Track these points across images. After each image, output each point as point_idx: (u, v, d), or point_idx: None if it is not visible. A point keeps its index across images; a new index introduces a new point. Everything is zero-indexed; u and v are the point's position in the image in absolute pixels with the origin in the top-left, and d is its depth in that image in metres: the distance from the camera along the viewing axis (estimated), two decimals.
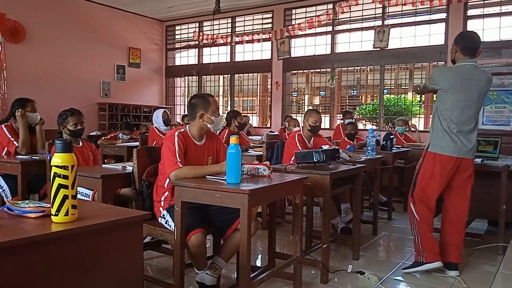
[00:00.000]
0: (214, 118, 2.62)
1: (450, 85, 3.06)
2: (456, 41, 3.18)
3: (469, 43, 3.13)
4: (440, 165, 3.10)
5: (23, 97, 4.03)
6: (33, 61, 7.77)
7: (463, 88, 3.05)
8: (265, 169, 2.49)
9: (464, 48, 3.11)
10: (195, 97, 2.73)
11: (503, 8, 6.61)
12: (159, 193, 2.63)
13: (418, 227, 3.20)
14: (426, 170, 3.17)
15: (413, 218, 3.23)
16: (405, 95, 9.87)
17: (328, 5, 7.95)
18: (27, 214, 1.49)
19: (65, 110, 3.49)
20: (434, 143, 3.12)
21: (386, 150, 5.03)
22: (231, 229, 2.50)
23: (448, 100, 3.06)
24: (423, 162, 3.21)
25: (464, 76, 3.06)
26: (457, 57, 3.14)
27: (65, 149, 1.43)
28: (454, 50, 3.16)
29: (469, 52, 3.11)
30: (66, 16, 8.26)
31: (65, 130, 3.38)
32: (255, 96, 11.72)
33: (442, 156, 3.09)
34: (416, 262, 3.23)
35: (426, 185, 3.16)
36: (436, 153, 3.10)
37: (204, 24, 9.70)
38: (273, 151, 4.29)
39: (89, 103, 8.58)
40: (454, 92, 3.05)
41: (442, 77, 3.12)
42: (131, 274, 1.57)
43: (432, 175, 3.14)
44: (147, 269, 3.23)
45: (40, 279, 1.29)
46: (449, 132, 3.07)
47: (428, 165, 3.16)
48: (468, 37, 3.21)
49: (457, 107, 3.06)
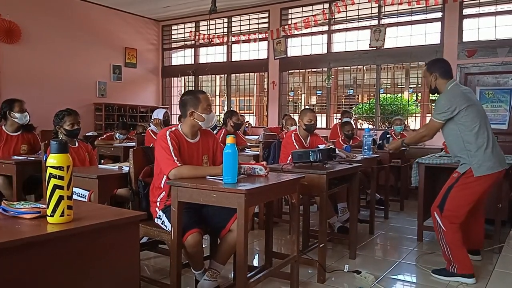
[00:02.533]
0: (204, 115, 2.59)
1: (466, 99, 2.97)
2: (431, 70, 3.11)
3: (445, 67, 3.11)
4: (486, 184, 3.00)
5: (11, 98, 4.02)
6: (29, 61, 7.74)
7: (475, 99, 3.07)
8: (261, 169, 2.49)
9: (443, 72, 3.08)
10: (185, 94, 2.71)
11: (498, 7, 6.62)
12: (155, 193, 2.62)
13: (446, 238, 3.07)
14: (465, 189, 3.01)
15: (439, 229, 3.11)
16: (401, 94, 9.88)
17: (324, 5, 7.96)
18: (23, 215, 1.49)
19: (62, 110, 3.48)
20: (477, 167, 2.95)
21: (382, 149, 5.04)
22: (225, 230, 2.49)
23: (471, 115, 2.96)
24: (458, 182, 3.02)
25: (466, 90, 3.09)
26: (440, 83, 3.08)
27: (61, 150, 1.43)
28: (434, 78, 3.09)
29: (449, 75, 3.09)
30: (61, 16, 8.22)
31: (61, 130, 3.37)
32: (251, 96, 11.71)
33: (491, 175, 2.98)
34: (447, 271, 3.12)
35: (461, 204, 3.03)
36: (482, 175, 2.95)
37: (200, 24, 9.69)
38: (270, 150, 4.30)
39: (85, 103, 8.55)
40: (473, 105, 2.98)
41: (455, 98, 2.98)
42: (127, 274, 1.57)
43: (473, 195, 3.02)
44: (144, 270, 3.22)
45: (36, 280, 1.29)
46: (487, 146, 2.96)
47: (470, 188, 2.99)
48: (441, 62, 3.18)
49: (483, 117, 3.02)
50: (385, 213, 5.04)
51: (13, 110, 3.88)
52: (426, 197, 4.00)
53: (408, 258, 3.58)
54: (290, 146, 3.81)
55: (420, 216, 4.03)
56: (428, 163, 3.93)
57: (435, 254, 3.60)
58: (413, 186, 4.30)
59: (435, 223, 3.15)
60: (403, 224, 4.79)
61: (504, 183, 3.78)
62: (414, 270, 3.36)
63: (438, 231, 3.14)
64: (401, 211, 5.46)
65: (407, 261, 3.52)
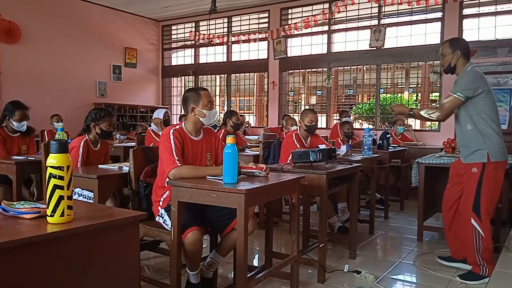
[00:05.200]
0: (205, 112, 2.59)
1: (486, 83, 2.98)
2: (456, 47, 3.08)
3: (469, 49, 3.12)
4: (501, 172, 3.02)
5: (17, 101, 3.99)
6: (29, 61, 7.74)
7: (490, 86, 3.06)
8: (260, 172, 2.49)
9: (466, 53, 3.08)
10: (187, 91, 2.72)
11: (498, 7, 6.62)
12: (158, 193, 2.62)
13: (484, 244, 3.00)
14: (490, 182, 2.97)
15: (477, 235, 3.01)
16: (401, 94, 9.89)
17: (324, 5, 7.96)
18: (23, 215, 1.49)
19: (101, 108, 3.46)
20: (493, 152, 2.94)
21: (382, 149, 5.04)
22: (230, 227, 2.50)
23: (490, 99, 2.97)
24: (483, 172, 2.96)
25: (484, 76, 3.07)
26: (460, 62, 3.06)
27: (61, 150, 1.43)
28: (456, 56, 3.06)
29: (469, 57, 3.11)
30: (61, 17, 8.22)
31: (96, 129, 3.31)
32: (251, 96, 11.72)
33: (503, 163, 3.01)
34: (476, 274, 3.05)
35: (492, 198, 3.02)
36: (497, 161, 2.95)
37: (200, 24, 9.69)
38: (270, 150, 4.30)
39: (85, 103, 8.54)
40: (490, 92, 2.99)
41: (480, 78, 2.98)
42: (127, 274, 1.57)
43: (497, 184, 3.01)
44: (144, 270, 3.22)
45: (36, 280, 1.29)
46: (499, 134, 2.97)
47: (491, 177, 2.97)
48: (465, 42, 3.18)
49: (496, 108, 3.03)
50: (385, 213, 5.04)
51: (13, 117, 3.88)
52: (426, 197, 4.01)
53: (408, 258, 3.58)
54: (291, 146, 3.81)
55: (420, 216, 4.03)
56: (428, 163, 3.93)
57: (434, 254, 3.60)
58: (413, 186, 4.30)
59: (471, 229, 3.01)
60: (403, 224, 4.79)
61: (504, 183, 3.78)
62: (414, 270, 3.35)
63: (474, 237, 3.01)
64: (401, 211, 5.46)
65: (407, 261, 3.52)
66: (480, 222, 2.98)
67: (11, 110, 3.89)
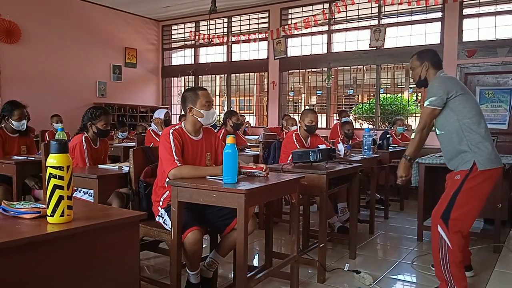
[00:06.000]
0: (203, 111, 2.58)
1: (460, 86, 2.75)
2: (423, 59, 2.88)
3: (437, 58, 2.92)
4: (491, 181, 2.69)
5: (14, 101, 3.99)
6: (29, 61, 7.74)
7: (468, 90, 2.85)
8: (260, 172, 2.49)
9: (435, 63, 2.88)
10: (186, 91, 2.73)
11: (498, 7, 6.62)
12: (158, 193, 2.62)
13: (450, 257, 2.67)
14: (471, 192, 2.66)
15: (444, 245, 2.70)
16: (401, 94, 9.88)
17: (324, 5, 7.96)
18: (23, 215, 1.49)
19: (97, 107, 3.43)
20: (481, 159, 2.64)
21: (382, 149, 5.04)
22: (230, 227, 2.50)
23: (469, 102, 2.73)
24: (463, 184, 2.66)
25: (458, 81, 2.92)
26: (431, 73, 2.86)
27: (61, 150, 1.43)
28: (425, 68, 2.86)
29: (440, 66, 2.87)
30: (61, 17, 8.23)
31: (93, 128, 3.31)
32: (251, 96, 11.72)
33: (497, 170, 2.70)
34: None
35: (470, 210, 2.68)
36: (485, 169, 2.64)
37: (200, 24, 9.69)
38: (270, 150, 4.30)
39: (85, 103, 8.51)
40: (466, 93, 2.74)
41: (449, 81, 2.76)
42: (127, 274, 1.57)
43: (481, 196, 2.69)
44: (144, 270, 3.22)
45: (36, 280, 1.29)
46: (488, 137, 2.71)
47: (473, 187, 2.65)
48: (432, 52, 2.96)
49: (478, 110, 2.78)
50: (385, 213, 5.04)
51: (12, 117, 3.88)
52: (426, 197, 4.01)
53: (408, 258, 3.58)
54: (291, 146, 3.81)
55: (420, 216, 4.03)
56: (428, 163, 3.93)
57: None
58: (413, 186, 4.30)
59: (438, 238, 2.71)
60: (403, 224, 4.79)
61: (504, 183, 3.78)
62: (414, 270, 3.35)
63: (440, 247, 2.71)
64: (401, 211, 5.46)
65: (407, 261, 3.52)
66: (447, 232, 2.67)
67: (10, 110, 3.88)
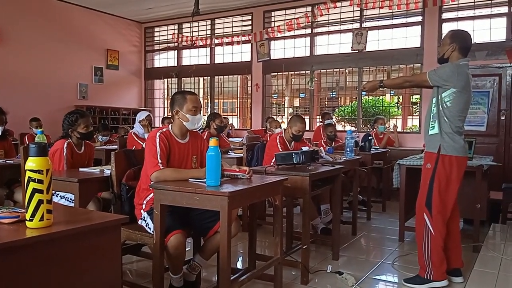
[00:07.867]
0: (189, 116, 2.58)
1: (465, 85, 2.85)
2: (454, 39, 2.92)
3: (468, 44, 2.95)
4: (457, 168, 2.87)
5: None
6: (9, 63, 7.59)
7: (470, 89, 2.92)
8: (243, 175, 2.49)
9: (463, 48, 2.91)
10: (175, 93, 2.74)
11: (476, 12, 6.78)
12: (141, 195, 2.59)
13: (432, 242, 2.88)
14: (442, 176, 2.87)
15: (427, 232, 2.90)
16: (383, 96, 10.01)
17: (307, 8, 8.02)
18: (1, 220, 1.46)
19: (72, 112, 3.33)
20: (446, 146, 2.85)
21: (364, 151, 5.10)
22: (213, 230, 2.49)
23: (461, 101, 2.85)
24: (436, 168, 2.88)
25: (470, 76, 2.94)
26: (454, 55, 2.91)
27: (40, 153, 1.41)
28: (452, 48, 2.90)
29: (465, 53, 2.93)
30: (42, 18, 8.10)
31: (75, 134, 3.23)
32: (235, 98, 11.71)
33: (458, 158, 2.86)
34: (421, 277, 2.96)
35: (444, 193, 2.88)
36: (451, 155, 2.85)
37: (183, 26, 9.66)
38: (254, 153, 4.30)
39: (66, 105, 8.40)
40: (465, 93, 2.86)
41: (459, 76, 2.83)
42: (109, 279, 1.55)
43: (449, 181, 2.87)
44: (127, 274, 3.19)
45: (15, 286, 1.26)
46: (459, 133, 2.89)
47: (443, 170, 2.87)
48: (467, 38, 2.98)
49: (467, 108, 2.91)
50: (367, 214, 5.09)
51: None
52: (407, 198, 4.06)
53: (390, 259, 3.62)
54: (275, 149, 3.81)
55: (402, 217, 4.08)
56: (409, 164, 3.99)
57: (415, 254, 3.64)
58: (395, 187, 4.36)
59: (422, 225, 2.91)
60: (385, 224, 4.85)
61: (482, 183, 3.86)
62: (395, 270, 3.39)
63: (423, 233, 2.90)
64: (383, 212, 5.53)
65: (389, 261, 3.56)
66: (431, 218, 2.88)
67: None
